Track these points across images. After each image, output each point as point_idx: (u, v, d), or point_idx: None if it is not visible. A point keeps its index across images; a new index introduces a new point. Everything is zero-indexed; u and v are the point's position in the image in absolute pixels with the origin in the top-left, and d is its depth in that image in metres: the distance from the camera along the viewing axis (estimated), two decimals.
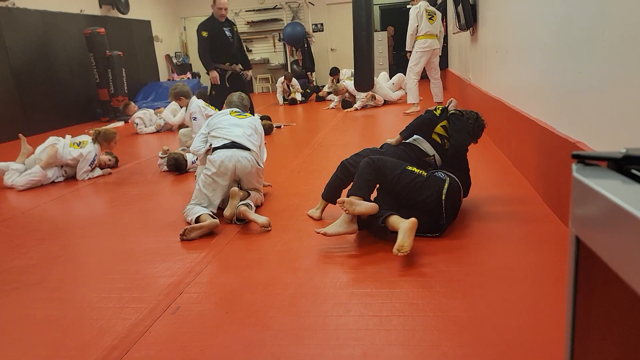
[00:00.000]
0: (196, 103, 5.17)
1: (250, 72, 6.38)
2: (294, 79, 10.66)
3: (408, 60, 7.23)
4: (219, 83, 6.03)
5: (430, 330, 1.83)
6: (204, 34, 5.78)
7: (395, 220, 2.50)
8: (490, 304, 1.96)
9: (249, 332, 1.92)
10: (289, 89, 10.55)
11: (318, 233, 2.65)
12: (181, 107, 6.03)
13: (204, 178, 3.25)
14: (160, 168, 4.95)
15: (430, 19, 7.08)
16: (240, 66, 6.10)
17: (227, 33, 5.92)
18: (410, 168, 2.69)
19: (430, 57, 7.20)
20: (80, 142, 4.85)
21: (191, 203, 3.27)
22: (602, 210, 0.61)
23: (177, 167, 4.74)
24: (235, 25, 6.16)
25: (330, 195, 3.11)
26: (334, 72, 10.27)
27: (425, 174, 2.69)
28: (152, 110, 8.11)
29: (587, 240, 0.68)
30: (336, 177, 3.11)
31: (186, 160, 4.78)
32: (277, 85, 10.70)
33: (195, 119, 5.09)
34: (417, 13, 7.02)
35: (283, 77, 10.58)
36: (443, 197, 2.60)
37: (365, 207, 2.59)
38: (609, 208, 0.59)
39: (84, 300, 2.31)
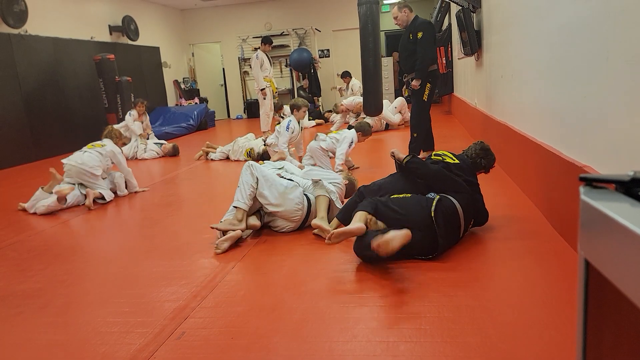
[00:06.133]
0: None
1: (415, 82, 5.31)
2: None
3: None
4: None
5: (438, 356, 1.80)
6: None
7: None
8: (499, 330, 1.93)
9: (254, 358, 1.89)
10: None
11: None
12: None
13: None
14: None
15: None
16: (412, 76, 5.39)
17: (406, 39, 5.42)
18: (394, 196, 2.86)
19: None
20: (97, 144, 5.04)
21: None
22: (610, 232, 0.61)
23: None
24: (417, 28, 5.26)
25: (346, 217, 3.09)
26: (346, 74, 10.63)
27: (409, 195, 2.87)
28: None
29: (596, 263, 0.67)
30: (354, 201, 3.22)
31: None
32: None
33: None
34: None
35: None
36: (432, 214, 2.66)
37: (396, 235, 2.46)
38: (617, 230, 0.59)
39: (88, 324, 2.30)
